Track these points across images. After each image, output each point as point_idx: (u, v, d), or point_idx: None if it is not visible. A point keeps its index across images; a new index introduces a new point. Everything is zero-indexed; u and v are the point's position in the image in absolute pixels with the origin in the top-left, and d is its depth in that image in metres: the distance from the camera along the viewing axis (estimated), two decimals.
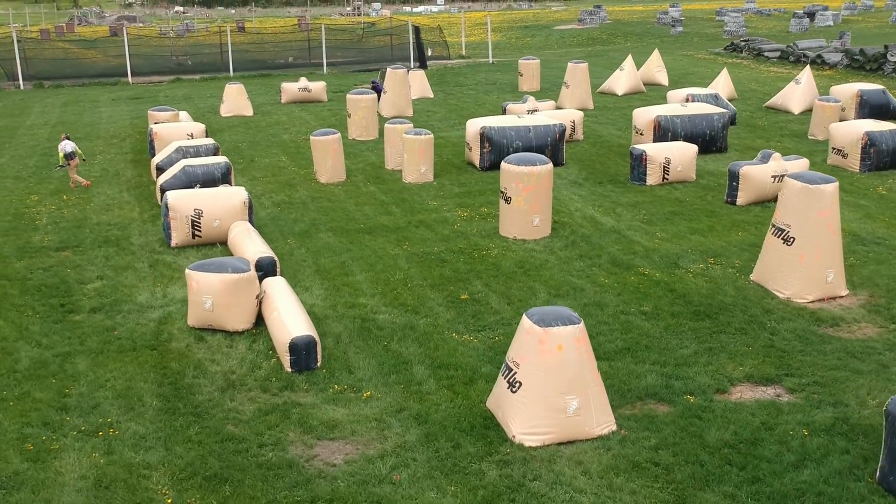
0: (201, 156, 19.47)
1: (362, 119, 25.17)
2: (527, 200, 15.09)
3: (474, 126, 20.95)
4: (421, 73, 34.85)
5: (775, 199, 17.57)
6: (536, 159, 15.22)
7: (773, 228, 12.71)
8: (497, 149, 20.62)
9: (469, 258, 14.21)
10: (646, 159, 19.11)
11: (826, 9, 69.60)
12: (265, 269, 12.86)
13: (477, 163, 20.81)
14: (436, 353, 10.53)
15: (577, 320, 8.59)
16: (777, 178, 17.46)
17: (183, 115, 26.21)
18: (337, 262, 14.12)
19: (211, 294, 11.00)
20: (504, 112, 27.24)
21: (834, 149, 21.07)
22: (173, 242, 14.80)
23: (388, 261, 14.16)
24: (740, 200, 17.36)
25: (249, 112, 30.01)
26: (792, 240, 12.41)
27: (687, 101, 26.25)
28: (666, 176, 19.25)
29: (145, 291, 12.80)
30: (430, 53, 45.45)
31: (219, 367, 10.24)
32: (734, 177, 17.42)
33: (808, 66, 30.95)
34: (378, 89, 30.05)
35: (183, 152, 19.45)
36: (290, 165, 21.71)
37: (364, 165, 21.53)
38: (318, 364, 10.14)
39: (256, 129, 27.10)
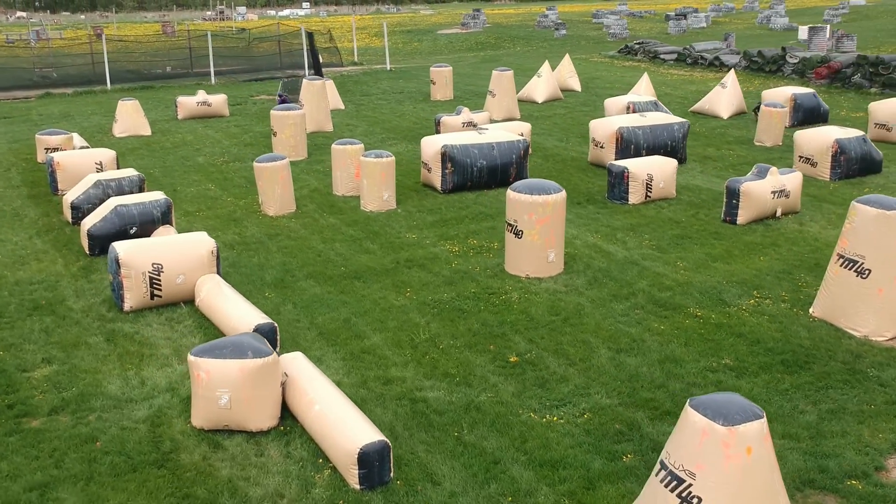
0: (126, 191, 16.57)
1: (290, 137, 22.62)
2: (541, 234, 13.25)
3: (433, 145, 18.91)
4: (331, 83, 32.37)
5: (773, 216, 16.57)
6: (549, 186, 13.40)
7: (843, 260, 11.40)
8: (460, 169, 18.70)
9: (490, 306, 12.22)
10: (628, 176, 17.67)
11: (697, 11, 71.51)
12: (268, 338, 10.45)
13: (438, 185, 18.80)
14: (526, 445, 8.51)
15: (761, 412, 6.82)
16: (776, 194, 16.40)
17: (75, 138, 22.90)
18: (338, 319, 11.81)
19: (228, 386, 8.55)
20: (438, 125, 25.34)
21: (801, 157, 20.34)
22: (127, 306, 12.04)
23: (397, 314, 11.97)
24: (741, 219, 16.16)
25: (147, 131, 26.77)
26: (867, 272, 11.13)
27: (629, 109, 25.21)
28: (649, 193, 17.88)
29: (114, 378, 10.10)
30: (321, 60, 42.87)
31: (259, 487, 7.83)
32: (734, 194, 16.21)
33: (731, 69, 30.65)
34: (285, 102, 27.47)
35: (103, 187, 16.47)
36: (223, 195, 18.99)
37: (308, 192, 19.09)
38: (392, 475, 7.93)
39: (163, 152, 24.00)
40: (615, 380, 9.94)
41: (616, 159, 20.60)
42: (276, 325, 10.73)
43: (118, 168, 19.65)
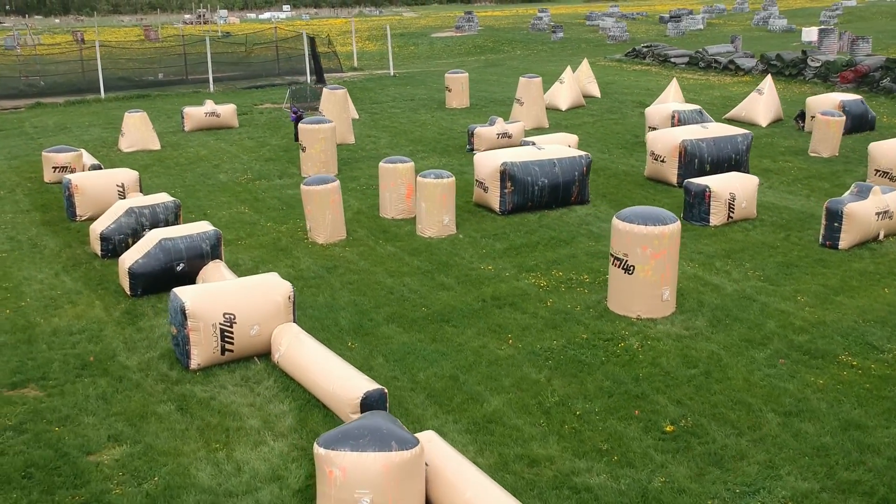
0: (160, 219, 14.81)
1: (321, 153, 20.89)
2: (656, 270, 11.70)
3: (490, 162, 17.30)
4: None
5: (874, 239, 15.16)
6: (662, 215, 11.85)
7: None
8: (521, 188, 17.12)
9: (612, 356, 10.65)
10: (710, 196, 16.19)
11: (691, 13, 70.52)
12: (374, 409, 8.83)
13: (496, 205, 17.19)
14: None
15: None
16: (880, 216, 15.00)
17: (85, 155, 21.07)
18: (442, 376, 10.18)
19: (370, 487, 6.89)
20: (471, 137, 23.75)
21: (878, 170, 19.00)
22: (194, 363, 10.30)
23: (509, 369, 10.36)
24: (843, 244, 14.73)
25: (156, 145, 24.89)
26: None
27: (673, 118, 23.79)
28: (731, 214, 16.42)
29: (202, 462, 8.38)
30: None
31: None
32: (835, 216, 14.77)
33: (769, 75, 29.33)
34: (300, 118, 25.32)
35: (136, 216, 14.69)
36: (260, 219, 17.24)
37: (352, 214, 17.41)
38: None
39: (179, 169, 22.17)
40: (801, 454, 8.41)
41: (679, 174, 19.16)
42: (385, 391, 9.07)
43: (141, 190, 17.85)
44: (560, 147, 18.33)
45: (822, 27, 48.39)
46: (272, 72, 42.26)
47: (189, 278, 13.05)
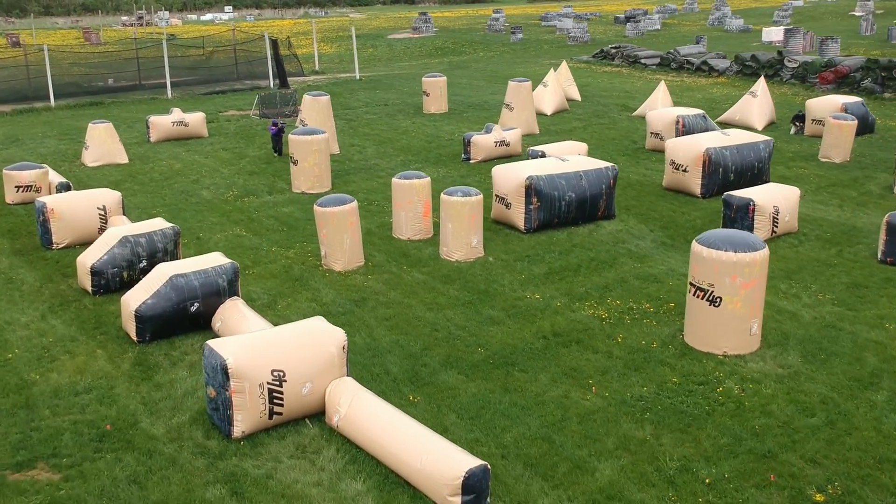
0: (158, 249, 13.06)
1: (314, 166, 19.23)
2: (746, 301, 10.45)
3: (513, 176, 15.92)
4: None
5: None
6: (751, 240, 10.61)
7: None
8: (547, 203, 15.77)
9: (715, 404, 9.36)
10: (754, 209, 15.07)
11: (646, 13, 70.22)
12: (478, 493, 7.36)
13: (520, 223, 15.80)
14: None
15: None
16: None
17: (51, 173, 19.09)
18: (534, 437, 8.74)
19: None
20: (468, 146, 22.32)
21: None
22: (238, 430, 8.67)
23: (605, 425, 8.98)
24: None
25: (124, 158, 22.87)
26: None
27: (678, 124, 22.72)
28: (775, 228, 15.33)
29: None
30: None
31: None
32: None
33: (762, 77, 28.54)
34: (281, 131, 23.59)
35: (132, 245, 12.90)
36: (262, 243, 15.55)
37: (363, 236, 15.78)
38: None
39: (154, 185, 20.25)
40: None
41: (703, 184, 18.05)
42: (488, 467, 7.59)
43: (124, 212, 15.99)
44: (584, 158, 17.04)
45: (788, 27, 48.20)
46: (231, 76, 40.19)
47: (203, 319, 11.38)
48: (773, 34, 52.69)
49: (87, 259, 12.86)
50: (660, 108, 28.67)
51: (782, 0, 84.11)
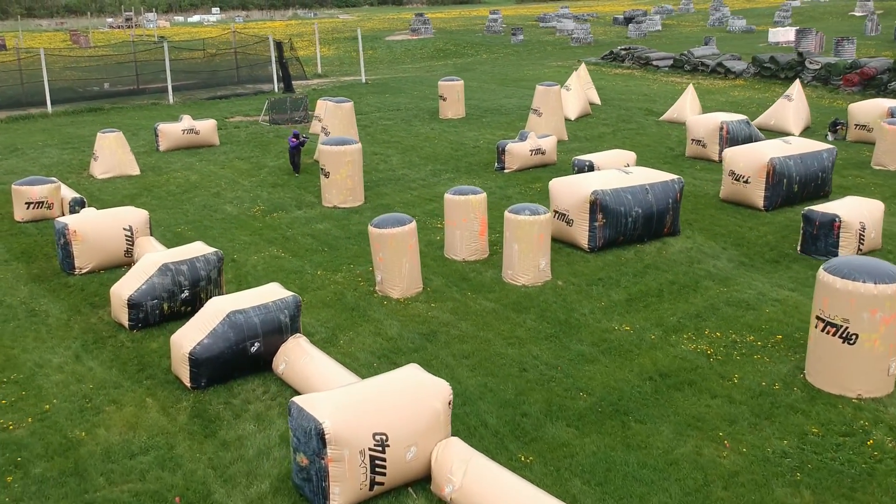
0: (201, 276, 11.73)
1: (346, 178, 17.92)
2: (885, 338, 9.27)
3: (575, 190, 14.69)
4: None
5: None
6: (889, 269, 9.42)
7: None
8: (613, 220, 14.56)
9: (871, 461, 8.19)
10: (839, 226, 13.93)
11: (645, 13, 69.28)
12: None
13: (584, 241, 14.58)
14: None
15: None
16: None
17: (63, 188, 17.74)
18: None
19: None
20: (502, 154, 21.07)
21: None
22: None
23: (755, 491, 7.80)
24: None
25: (135, 170, 21.46)
26: None
27: (722, 130, 21.59)
28: (861, 246, 14.20)
29: None
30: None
31: None
32: None
33: (797, 80, 27.47)
34: (302, 143, 21.15)
35: (172, 274, 11.56)
36: (304, 265, 14.24)
37: None
38: None
39: (173, 199, 18.87)
40: None
41: (766, 196, 16.90)
42: None
43: (151, 233, 14.62)
44: (647, 170, 15.82)
45: (790, 27, 47.27)
46: (231, 80, 38.75)
47: (264, 360, 10.08)
48: (781, 34, 51.81)
49: (123, 290, 11.49)
50: (688, 112, 27.66)
51: (778, 1, 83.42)
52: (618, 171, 15.44)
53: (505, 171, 21.07)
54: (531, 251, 13.03)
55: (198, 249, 12.16)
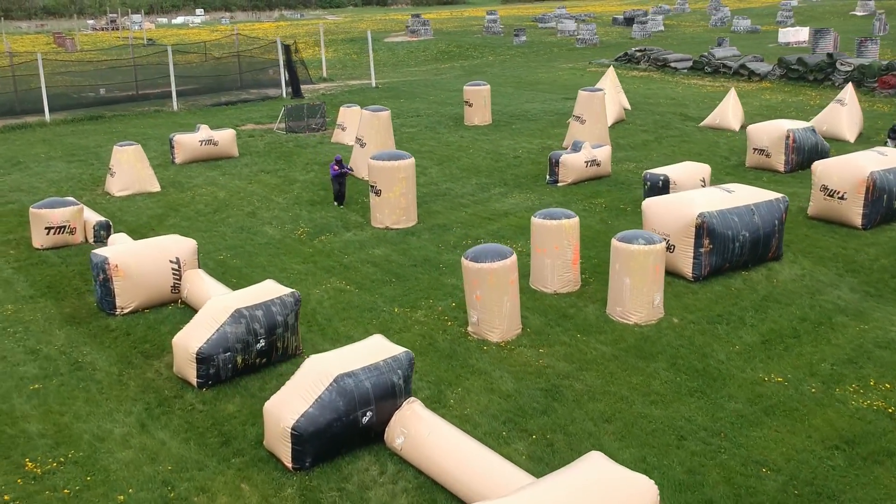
0: (278, 322, 10.03)
1: (400, 197, 16.25)
2: None
3: (677, 211, 13.10)
4: (355, 109, 25.87)
5: None
6: None
7: None
8: (720, 245, 12.99)
9: None
10: None
11: (646, 13, 68.03)
12: None
13: (687, 270, 12.99)
14: None
15: None
16: None
17: (85, 210, 15.98)
18: None
19: None
20: (556, 166, 19.47)
21: None
22: None
23: None
24: None
25: (155, 186, 19.63)
26: None
27: (788, 139, 20.12)
28: None
29: None
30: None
31: None
32: None
33: (849, 84, 26.07)
34: (344, 171, 17.76)
35: (247, 321, 9.84)
36: (377, 301, 12.54)
37: None
38: None
39: (204, 220, 17.10)
40: None
41: (865, 214, 15.42)
42: None
43: (199, 266, 12.86)
44: (747, 188, 14.25)
45: (817, 27, 46.09)
46: (235, 85, 36.87)
47: (375, 431, 8.40)
48: (791, 35, 50.68)
49: (190, 341, 9.75)
50: (731, 118, 26.24)
51: (773, 0, 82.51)
52: (719, 190, 13.87)
53: (558, 184, 19.49)
54: (645, 285, 11.43)
55: (271, 290, 10.44)
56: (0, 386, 9.95)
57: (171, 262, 12.26)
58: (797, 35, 50.57)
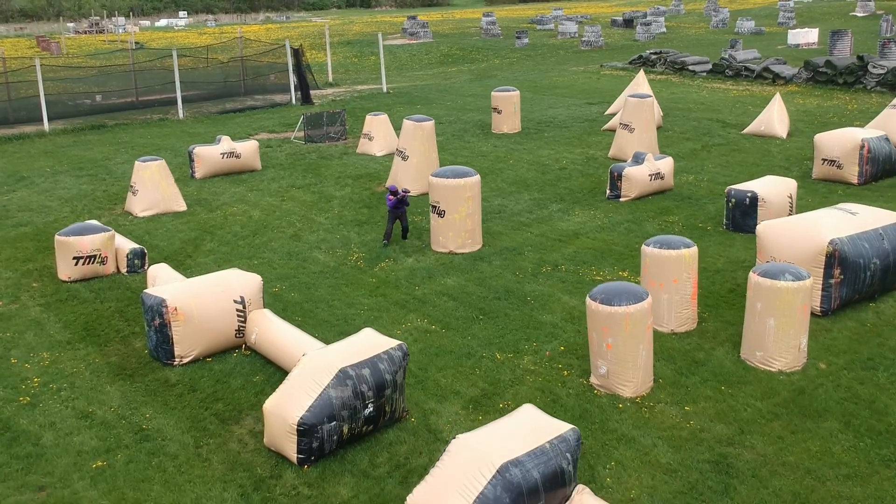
0: (386, 382, 8.43)
1: (466, 218, 14.66)
2: None
3: (803, 236, 11.62)
4: (383, 117, 24.28)
5: None
6: None
7: None
8: (852, 276, 11.53)
9: None
10: None
11: (645, 15, 66.89)
12: None
13: (816, 304, 11.51)
14: None
15: None
16: None
17: (117, 237, 14.28)
18: None
19: None
20: (619, 180, 17.96)
21: None
22: None
23: None
24: None
25: (182, 205, 17.91)
26: None
27: (863, 149, 18.77)
28: None
29: None
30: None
31: None
32: None
33: None
34: (404, 200, 15.04)
35: (354, 383, 8.23)
36: (472, 346, 10.93)
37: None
38: None
39: (245, 245, 15.41)
40: None
41: None
42: None
43: (264, 305, 11.19)
44: (868, 209, 12.79)
45: (834, 29, 45.01)
46: (239, 90, 35.10)
47: None
48: (801, 36, 49.63)
49: (289, 408, 8.09)
50: (776, 124, 24.91)
51: (769, 1, 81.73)
52: (841, 212, 12.40)
53: (620, 199, 18.00)
54: (793, 327, 9.93)
55: (374, 342, 8.81)
56: (55, 464, 8.25)
57: (235, 301, 10.60)
58: (807, 36, 49.55)
